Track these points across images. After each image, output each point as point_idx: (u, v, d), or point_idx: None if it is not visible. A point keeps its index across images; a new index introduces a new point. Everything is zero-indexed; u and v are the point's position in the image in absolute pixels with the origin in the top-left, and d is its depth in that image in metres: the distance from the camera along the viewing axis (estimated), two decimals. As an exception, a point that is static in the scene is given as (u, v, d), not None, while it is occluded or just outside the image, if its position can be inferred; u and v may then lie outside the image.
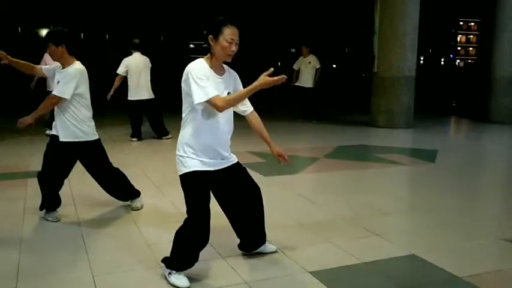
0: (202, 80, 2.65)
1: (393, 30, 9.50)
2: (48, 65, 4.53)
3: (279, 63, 30.44)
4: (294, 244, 3.48)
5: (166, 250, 2.90)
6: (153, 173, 5.60)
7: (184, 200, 2.82)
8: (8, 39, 21.10)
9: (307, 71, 10.59)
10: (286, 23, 29.41)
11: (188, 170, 2.76)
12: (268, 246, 3.28)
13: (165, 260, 2.88)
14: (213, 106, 2.67)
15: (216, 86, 2.72)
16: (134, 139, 8.00)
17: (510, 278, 3.00)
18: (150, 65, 7.89)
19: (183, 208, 2.85)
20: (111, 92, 7.74)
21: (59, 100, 3.78)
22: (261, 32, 28.66)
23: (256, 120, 3.04)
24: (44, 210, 4.02)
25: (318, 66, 10.58)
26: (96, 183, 4.18)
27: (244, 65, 2.78)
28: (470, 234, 3.79)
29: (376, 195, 4.90)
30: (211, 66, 2.77)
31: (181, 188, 2.83)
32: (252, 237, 3.19)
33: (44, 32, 24.76)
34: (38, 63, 5.96)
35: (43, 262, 3.16)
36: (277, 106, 13.86)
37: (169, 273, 2.83)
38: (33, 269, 3.05)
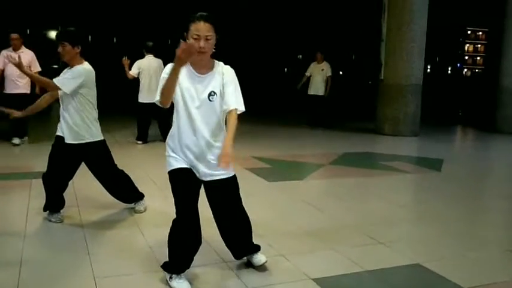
0: (163, 78, 2.63)
1: (400, 38, 9.49)
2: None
3: (286, 69, 30.55)
4: (297, 250, 3.45)
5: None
6: (157, 176, 5.58)
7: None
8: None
9: (319, 78, 10.54)
10: (293, 30, 29.47)
11: (169, 168, 2.79)
12: (256, 258, 3.07)
13: (164, 265, 2.86)
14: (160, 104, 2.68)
15: (191, 86, 2.69)
16: (139, 142, 8.00)
17: (516, 290, 2.97)
18: (163, 67, 7.88)
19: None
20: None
21: (56, 88, 3.74)
22: (267, 38, 28.74)
23: (230, 119, 2.74)
24: (48, 211, 4.01)
25: (330, 73, 10.55)
26: (100, 185, 4.18)
27: (251, 71, 2.73)
28: (476, 244, 3.75)
29: (381, 203, 4.87)
30: (193, 65, 2.70)
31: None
32: (234, 247, 3.09)
33: (52, 33, 24.96)
34: (46, 63, 5.98)
35: (45, 263, 3.14)
36: (284, 111, 13.86)
37: (170, 278, 2.80)
38: (34, 269, 3.04)
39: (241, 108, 2.76)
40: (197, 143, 2.75)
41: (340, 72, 32.24)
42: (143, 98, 7.81)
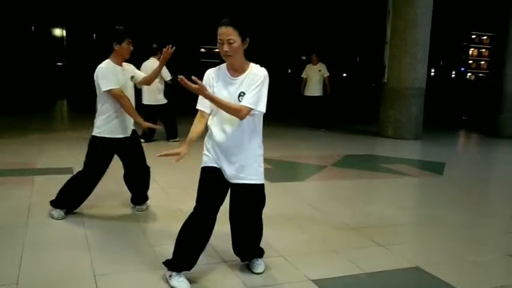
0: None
1: (404, 41, 9.48)
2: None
3: (289, 71, 30.52)
4: (298, 251, 3.46)
5: (169, 252, 2.89)
6: (159, 176, 5.58)
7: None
8: (21, 38, 21.30)
9: (316, 79, 10.60)
10: (297, 31, 29.43)
11: (202, 165, 2.87)
12: (256, 265, 3.07)
13: (166, 262, 2.87)
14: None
15: (223, 88, 2.77)
16: (142, 140, 8.01)
17: (515, 295, 2.97)
18: (165, 70, 7.96)
19: (188, 211, 2.85)
20: None
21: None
22: (271, 39, 28.74)
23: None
24: (53, 207, 4.01)
25: (327, 74, 10.59)
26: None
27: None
28: (476, 249, 3.74)
29: (383, 206, 4.87)
30: (227, 68, 2.81)
31: (187, 192, 2.84)
32: (241, 252, 3.11)
33: (57, 31, 25.01)
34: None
35: (45, 259, 3.16)
36: (286, 113, 13.86)
37: (170, 276, 2.81)
38: (34, 264, 3.05)
39: (254, 107, 2.72)
40: (227, 144, 2.80)
41: (344, 74, 32.23)
42: (145, 100, 7.89)
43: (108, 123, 3.89)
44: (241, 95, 2.73)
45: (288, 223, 4.12)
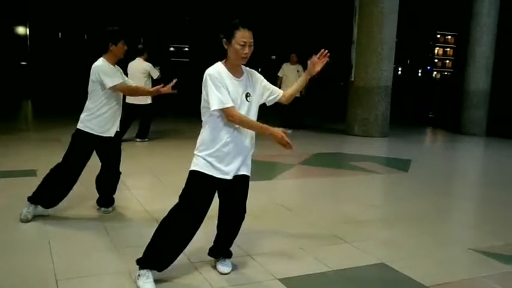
0: (219, 87, 2.70)
1: (371, 40, 9.62)
2: None
3: (259, 70, 30.51)
4: (265, 250, 3.46)
5: (134, 254, 2.84)
6: (125, 177, 5.50)
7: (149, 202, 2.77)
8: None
9: (294, 79, 10.44)
10: (266, 30, 29.54)
11: (196, 169, 2.79)
12: (223, 265, 3.07)
13: (140, 259, 2.80)
14: (225, 114, 2.73)
15: (234, 89, 2.76)
16: (137, 139, 8.05)
17: (476, 287, 3.05)
18: (148, 70, 8.03)
19: (154, 213, 2.82)
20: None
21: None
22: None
23: (287, 95, 3.12)
24: (30, 204, 3.92)
25: None
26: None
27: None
28: (440, 243, 3.83)
29: (350, 203, 4.93)
30: (229, 69, 2.80)
31: (152, 193, 2.80)
32: (219, 245, 3.12)
33: (21, 29, 24.35)
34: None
35: (5, 263, 3.06)
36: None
37: (138, 276, 2.77)
38: (-6, 271, 2.96)
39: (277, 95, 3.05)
40: (237, 149, 2.85)
41: (313, 73, 32.50)
42: (130, 98, 7.80)
43: (94, 119, 3.88)
44: (248, 95, 2.83)
45: (255, 222, 4.12)
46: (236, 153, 2.84)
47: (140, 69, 7.97)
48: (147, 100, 8.02)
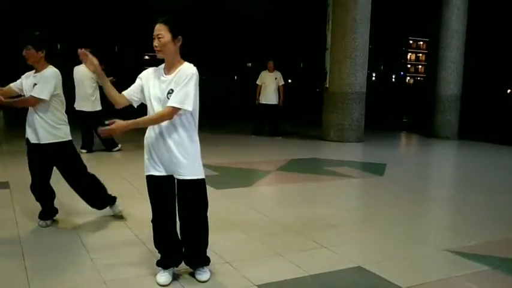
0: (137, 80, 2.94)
1: (344, 47, 9.74)
2: None
3: (236, 77, 30.64)
4: (243, 257, 3.46)
5: (109, 265, 2.80)
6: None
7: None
8: None
9: (272, 87, 10.42)
10: (242, 38, 29.66)
11: (145, 173, 2.95)
12: (201, 273, 3.04)
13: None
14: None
15: (157, 86, 2.85)
16: (83, 151, 7.77)
17: (452, 287, 3.10)
18: (92, 76, 7.65)
19: (130, 223, 2.79)
20: None
21: (37, 101, 3.74)
22: (217, 45, 28.73)
23: (159, 111, 2.85)
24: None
25: (282, 82, 10.47)
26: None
27: (201, 78, 2.74)
28: (416, 245, 3.89)
29: (326, 208, 4.97)
30: (164, 67, 2.90)
31: (128, 199, 2.80)
32: (188, 253, 3.09)
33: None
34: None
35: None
36: (231, 120, 13.87)
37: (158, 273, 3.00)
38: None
39: (180, 106, 2.76)
40: (157, 144, 2.88)
41: (289, 80, 32.78)
42: (76, 105, 7.70)
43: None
44: (170, 92, 2.80)
45: (233, 229, 4.12)
46: (156, 147, 2.90)
47: (88, 75, 7.42)
48: (96, 107, 7.71)
